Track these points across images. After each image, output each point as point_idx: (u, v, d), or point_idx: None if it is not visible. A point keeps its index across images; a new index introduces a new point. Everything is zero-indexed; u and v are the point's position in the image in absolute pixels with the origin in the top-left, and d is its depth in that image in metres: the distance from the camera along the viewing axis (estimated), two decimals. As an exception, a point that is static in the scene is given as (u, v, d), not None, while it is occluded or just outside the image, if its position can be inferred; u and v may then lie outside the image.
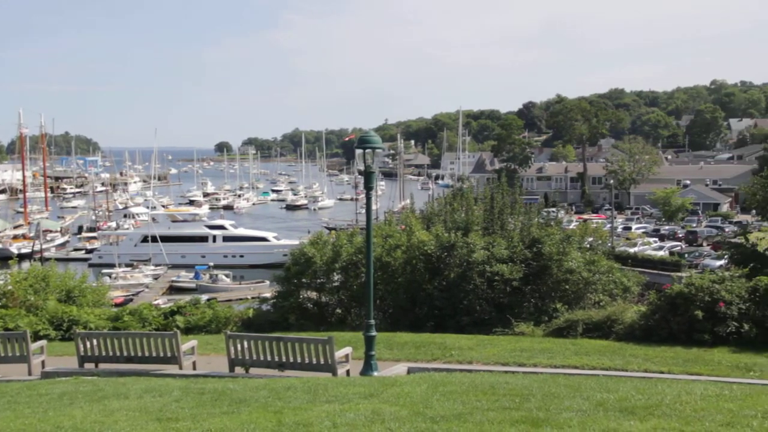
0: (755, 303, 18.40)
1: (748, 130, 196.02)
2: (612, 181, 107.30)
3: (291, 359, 16.29)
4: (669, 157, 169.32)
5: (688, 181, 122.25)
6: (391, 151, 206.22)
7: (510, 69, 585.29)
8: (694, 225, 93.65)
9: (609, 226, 75.81)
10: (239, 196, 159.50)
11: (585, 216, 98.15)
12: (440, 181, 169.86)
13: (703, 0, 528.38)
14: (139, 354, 17.61)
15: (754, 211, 72.22)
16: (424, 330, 22.45)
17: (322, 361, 16.02)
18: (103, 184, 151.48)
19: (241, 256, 79.27)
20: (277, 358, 16.43)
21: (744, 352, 17.16)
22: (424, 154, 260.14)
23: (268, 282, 55.61)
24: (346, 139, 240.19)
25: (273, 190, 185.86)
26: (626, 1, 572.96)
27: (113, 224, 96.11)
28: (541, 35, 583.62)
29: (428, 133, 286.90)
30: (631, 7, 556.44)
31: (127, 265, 71.45)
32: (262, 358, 16.59)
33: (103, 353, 17.87)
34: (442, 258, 24.43)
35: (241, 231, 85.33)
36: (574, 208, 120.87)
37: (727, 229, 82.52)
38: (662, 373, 15.35)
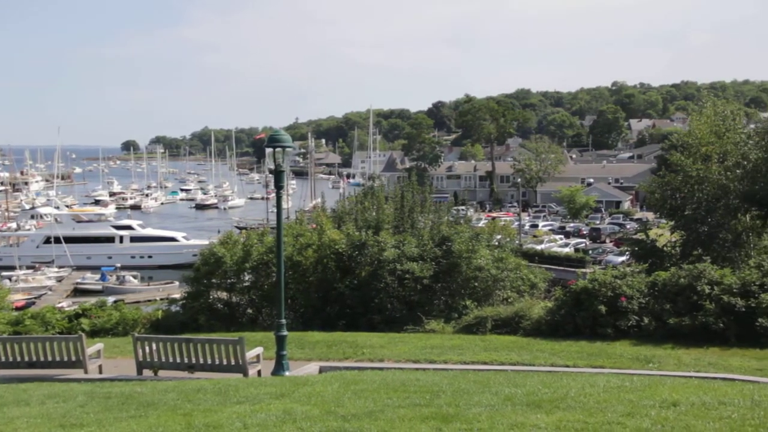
0: (654, 297, 19.04)
1: (647, 130, 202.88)
2: (519, 180, 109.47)
3: (201, 361, 16.07)
4: (573, 156, 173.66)
5: (591, 180, 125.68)
6: (302, 150, 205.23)
7: (419, 68, 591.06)
8: (598, 222, 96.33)
9: (517, 224, 77.30)
10: (147, 195, 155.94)
11: (494, 214, 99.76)
12: (351, 180, 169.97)
13: (601, 1, 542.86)
14: (42, 359, 17.07)
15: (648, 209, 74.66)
16: (335, 329, 22.46)
17: (233, 362, 15.86)
18: (2, 184, 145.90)
19: (150, 257, 77.63)
20: (186, 360, 16.18)
21: (644, 344, 17.73)
22: (335, 152, 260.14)
23: (177, 283, 54.65)
24: (257, 137, 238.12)
25: (182, 190, 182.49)
26: (530, 1, 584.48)
27: (13, 225, 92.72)
28: (450, 35, 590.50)
29: (339, 132, 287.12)
30: (534, 8, 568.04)
31: (28, 267, 69.05)
32: (171, 360, 16.31)
33: (3, 359, 17.26)
34: (353, 257, 24.49)
35: (149, 231, 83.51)
36: (491, 206, 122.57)
37: (628, 226, 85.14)
38: (568, 366, 15.74)
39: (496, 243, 27.32)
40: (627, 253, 44.80)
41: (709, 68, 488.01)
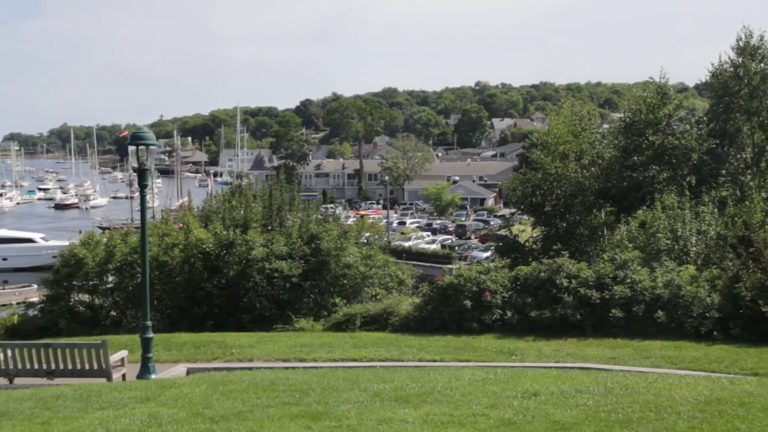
0: (517, 291, 19.68)
1: (509, 129, 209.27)
2: (387, 178, 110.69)
3: (61, 366, 15.45)
4: (439, 154, 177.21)
5: (457, 178, 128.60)
6: (168, 148, 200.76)
7: (287, 66, 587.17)
8: (463, 219, 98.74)
9: (385, 221, 78.12)
10: (1, 195, 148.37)
11: (362, 212, 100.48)
12: (219, 179, 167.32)
13: (464, 2, 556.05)
14: None
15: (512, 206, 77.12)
16: (204, 329, 22.10)
17: (95, 366, 15.33)
18: None
19: (5, 259, 73.78)
20: (45, 366, 15.51)
21: (507, 337, 18.30)
22: (201, 151, 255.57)
23: (35, 286, 52.10)
24: (120, 135, 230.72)
25: (40, 189, 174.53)
26: (395, 1, 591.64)
27: None
28: (317, 33, 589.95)
29: (206, 130, 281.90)
30: (398, 7, 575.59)
31: None
32: (28, 366, 15.59)
33: None
34: (221, 256, 24.16)
35: (4, 232, 79.41)
36: (364, 205, 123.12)
37: (492, 223, 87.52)
38: (435, 361, 16.05)
39: (365, 241, 27.53)
40: (491, 248, 46.12)
41: (567, 70, 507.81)
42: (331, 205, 58.03)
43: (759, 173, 33.02)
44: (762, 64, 33.92)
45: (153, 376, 15.18)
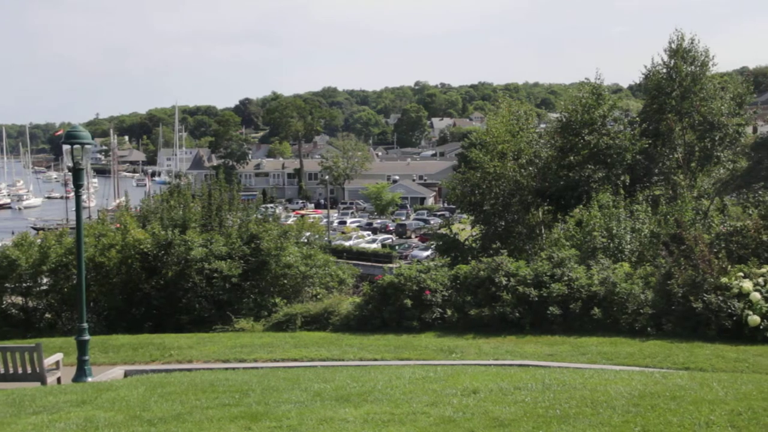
0: (456, 290, 19.84)
1: (448, 128, 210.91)
2: (327, 177, 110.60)
3: (-7, 371, 15.08)
4: (379, 153, 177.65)
5: (397, 177, 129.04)
6: (104, 147, 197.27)
7: (226, 65, 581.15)
8: (404, 218, 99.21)
9: (325, 220, 78.02)
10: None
11: (302, 211, 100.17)
12: (157, 178, 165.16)
13: (405, 2, 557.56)
14: None
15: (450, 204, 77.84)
16: (142, 331, 21.81)
17: (29, 370, 14.99)
18: None
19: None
20: (-24, 371, 15.12)
21: (448, 335, 18.44)
22: (139, 150, 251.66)
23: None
24: (55, 134, 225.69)
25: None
26: (335, 0, 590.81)
27: None
28: (256, 31, 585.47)
29: (143, 129, 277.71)
30: (337, 6, 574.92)
31: None
32: (-42, 372, 15.18)
33: None
34: (159, 256, 23.84)
35: (-69, 234, 77.12)
36: (307, 204, 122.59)
37: (432, 222, 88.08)
38: (376, 360, 16.09)
39: (305, 240, 27.46)
40: (431, 247, 46.41)
41: (505, 70, 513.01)
42: (271, 205, 57.73)
43: (690, 173, 33.86)
44: (692, 67, 34.76)
45: (89, 379, 14.93)
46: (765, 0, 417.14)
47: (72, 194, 18.84)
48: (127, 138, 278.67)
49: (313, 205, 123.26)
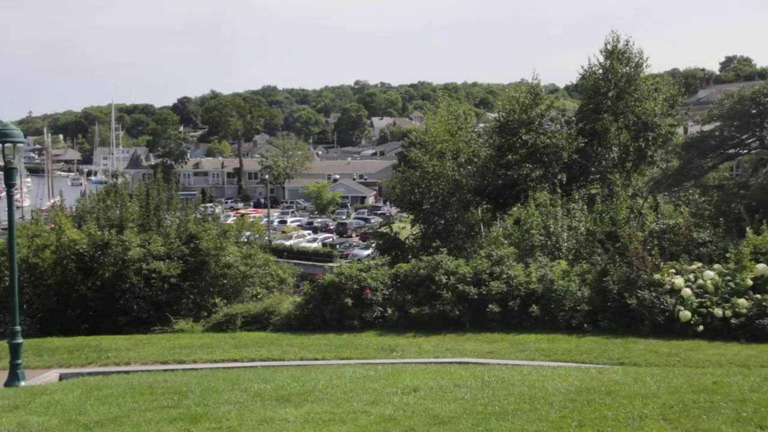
0: (397, 288, 19.92)
1: (388, 128, 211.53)
2: (267, 176, 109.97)
3: None
4: (320, 152, 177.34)
5: (337, 176, 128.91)
6: (37, 146, 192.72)
7: (164, 62, 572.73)
8: (344, 217, 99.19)
9: (265, 220, 77.58)
10: None
11: (242, 210, 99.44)
12: (93, 178, 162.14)
13: (346, 1, 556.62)
14: None
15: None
16: (78, 333, 21.40)
17: (-42, 376, 14.61)
18: None
19: None
20: None
21: (388, 334, 18.50)
22: (74, 149, 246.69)
23: None
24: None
25: None
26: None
27: None
28: (194, 29, 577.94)
29: (79, 127, 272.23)
30: (278, 5, 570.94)
31: None
32: None
33: None
34: (95, 257, 23.40)
35: None
36: (252, 205, 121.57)
37: (373, 221, 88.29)
38: (317, 359, 16.06)
39: (245, 240, 27.28)
40: (372, 246, 46.53)
41: (444, 70, 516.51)
42: (211, 204, 57.18)
43: (625, 172, 34.58)
44: (627, 68, 35.50)
45: (22, 384, 14.59)
46: (695, 5, 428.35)
47: (3, 194, 18.40)
48: (61, 137, 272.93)
49: (252, 203, 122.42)
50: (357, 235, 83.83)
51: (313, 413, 8.99)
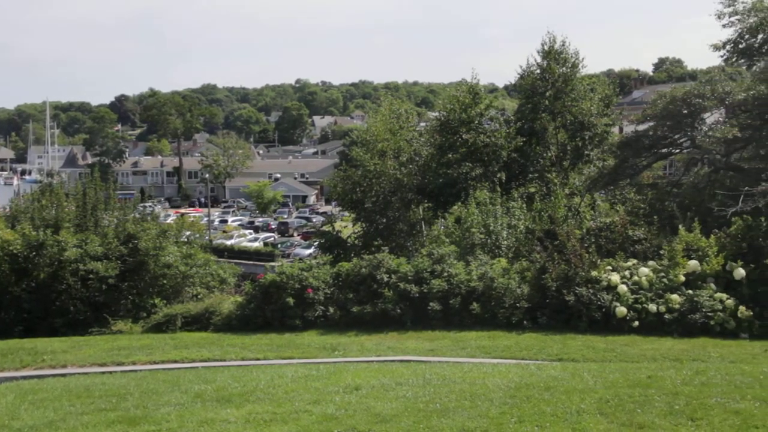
0: (339, 287, 19.92)
1: (329, 127, 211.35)
2: (208, 175, 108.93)
3: None
4: (261, 151, 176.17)
5: (278, 175, 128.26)
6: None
7: (101, 59, 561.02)
8: (286, 216, 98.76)
9: (206, 219, 76.85)
10: None
11: (182, 210, 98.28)
12: (27, 177, 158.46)
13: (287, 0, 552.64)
14: None
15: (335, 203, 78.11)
16: (12, 336, 20.87)
17: None
18: None
19: None
20: None
21: (330, 333, 18.50)
22: (7, 147, 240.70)
23: None
24: None
25: None
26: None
27: None
28: (129, 25, 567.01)
29: (12, 125, 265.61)
30: (218, 3, 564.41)
31: None
32: None
33: None
34: (30, 258, 22.89)
35: None
36: (180, 202, 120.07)
37: (314, 220, 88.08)
38: (258, 359, 15.97)
39: (185, 239, 26.99)
40: (314, 245, 46.45)
41: (385, 69, 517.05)
42: (150, 204, 56.45)
43: (563, 171, 35.15)
44: (564, 68, 36.08)
45: (-47, 389, 14.21)
46: (628, 7, 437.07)
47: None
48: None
49: (193, 203, 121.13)
50: (299, 235, 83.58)
51: (254, 413, 8.96)
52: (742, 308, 16.09)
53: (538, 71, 36.58)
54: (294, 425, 8.44)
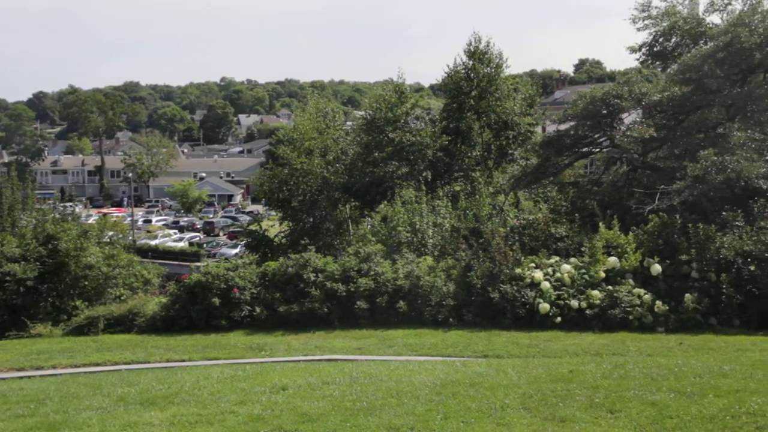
0: (265, 287, 19.82)
1: (255, 125, 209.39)
2: (131, 174, 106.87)
3: None
4: (185, 150, 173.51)
5: (204, 174, 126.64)
6: None
7: (17, 55, 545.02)
8: (211, 216, 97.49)
9: (129, 219, 75.41)
10: None
11: (105, 210, 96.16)
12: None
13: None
14: None
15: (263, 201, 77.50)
16: None
17: None
18: None
19: None
20: None
21: (257, 333, 18.41)
22: None
23: None
24: None
25: None
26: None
27: None
28: (46, 21, 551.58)
29: None
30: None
31: None
32: None
33: None
34: (-58, 261, 22.16)
35: None
36: (103, 202, 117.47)
37: (241, 219, 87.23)
38: (183, 361, 15.78)
39: (108, 240, 26.47)
40: (240, 245, 46.06)
41: (311, 68, 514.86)
42: (70, 204, 55.19)
43: (487, 170, 35.60)
44: (489, 68, 36.57)
45: None
46: (550, 9, 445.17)
47: None
48: None
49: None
50: (225, 234, 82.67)
51: (179, 416, 8.86)
52: (658, 303, 16.59)
53: (464, 71, 36.98)
54: (219, 426, 8.37)
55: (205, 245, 71.77)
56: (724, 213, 18.09)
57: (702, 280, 17.05)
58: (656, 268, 17.45)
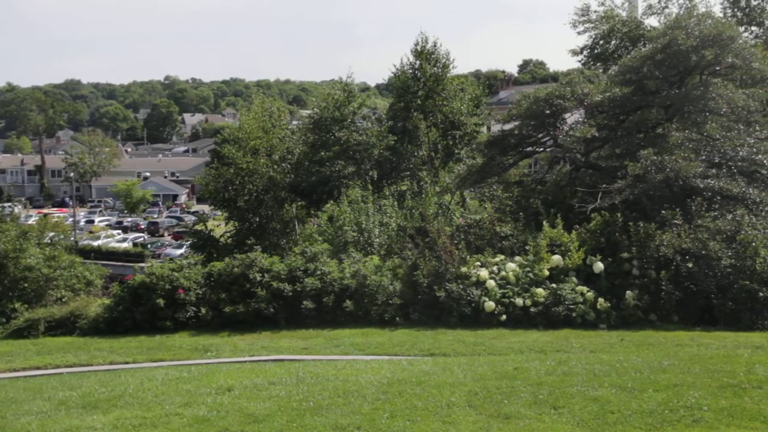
0: (211, 287, 19.65)
1: (200, 124, 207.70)
2: (73, 174, 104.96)
3: None
4: (129, 149, 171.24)
5: (148, 174, 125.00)
6: None
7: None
8: (156, 216, 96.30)
9: (71, 219, 74.08)
10: None
11: (46, 210, 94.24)
12: None
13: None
14: None
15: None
16: None
17: None
18: None
19: None
20: None
21: (202, 334, 18.24)
22: None
23: None
24: None
25: None
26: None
27: None
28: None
29: None
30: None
31: None
32: None
33: None
34: None
35: None
36: (43, 202, 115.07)
37: (186, 219, 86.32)
38: (127, 363, 15.58)
39: (48, 241, 26.01)
40: (185, 245, 45.59)
41: (256, 67, 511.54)
42: (9, 204, 54.04)
43: (434, 169, 35.80)
44: (436, 68, 36.80)
45: None
46: (494, 10, 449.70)
47: None
48: None
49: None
50: (169, 234, 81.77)
51: (122, 419, 8.75)
52: (601, 300, 16.88)
53: (411, 71, 37.15)
54: (164, 429, 8.29)
55: (149, 246, 70.90)
56: (663, 211, 18.44)
57: (642, 278, 17.36)
58: (598, 266, 17.75)
